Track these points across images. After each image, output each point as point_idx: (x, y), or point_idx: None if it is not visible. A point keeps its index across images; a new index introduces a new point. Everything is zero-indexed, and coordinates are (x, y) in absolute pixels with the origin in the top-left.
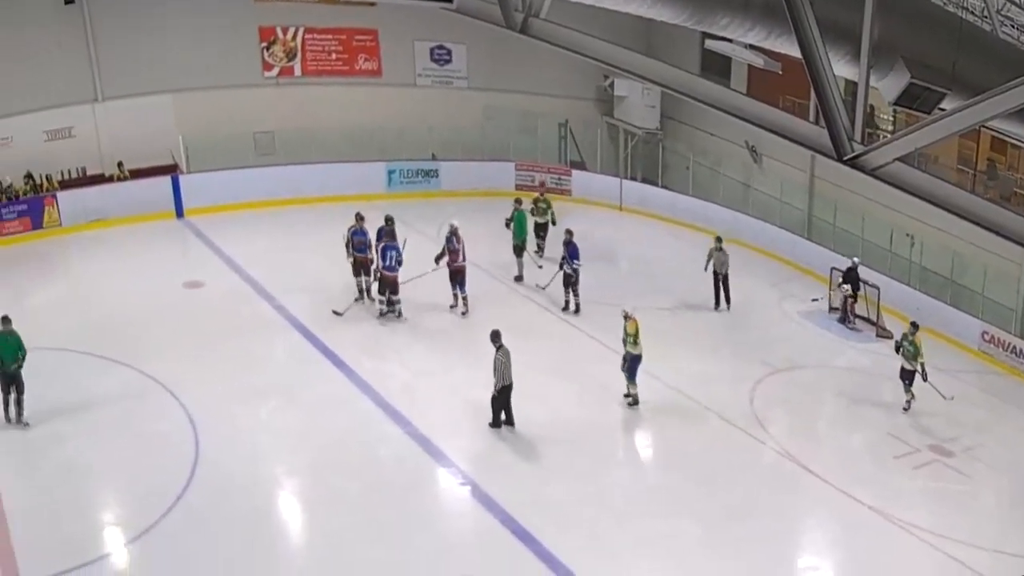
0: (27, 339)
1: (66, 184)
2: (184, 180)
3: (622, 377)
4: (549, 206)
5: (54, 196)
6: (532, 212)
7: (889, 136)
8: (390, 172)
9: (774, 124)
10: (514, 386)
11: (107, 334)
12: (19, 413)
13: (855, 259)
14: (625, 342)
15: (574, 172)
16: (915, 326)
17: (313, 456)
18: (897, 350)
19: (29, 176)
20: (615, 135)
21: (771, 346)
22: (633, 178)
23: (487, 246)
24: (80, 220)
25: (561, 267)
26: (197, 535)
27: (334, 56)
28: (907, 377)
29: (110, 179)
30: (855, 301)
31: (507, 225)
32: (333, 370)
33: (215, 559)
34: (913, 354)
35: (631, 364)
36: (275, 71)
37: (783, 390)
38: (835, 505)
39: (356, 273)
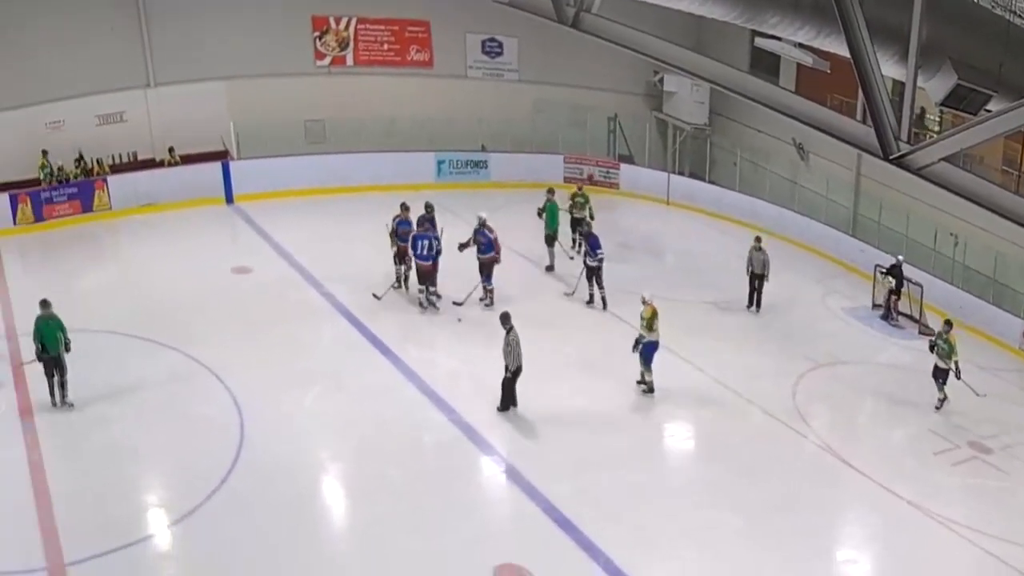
0: (75, 322)
1: (117, 168)
2: (234, 166)
3: (667, 369)
4: (587, 201)
5: (104, 180)
6: (570, 208)
7: (935, 136)
8: (439, 162)
9: (822, 122)
10: (527, 371)
11: (155, 318)
12: (63, 395)
13: (899, 257)
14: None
15: (622, 166)
16: (949, 324)
17: (357, 442)
18: (931, 349)
19: (80, 159)
20: (664, 130)
21: (814, 341)
22: (681, 173)
23: (532, 237)
24: (130, 204)
25: (584, 261)
26: (240, 518)
27: (386, 47)
28: (940, 376)
29: (161, 164)
30: (898, 298)
31: (539, 215)
32: (379, 357)
33: (258, 543)
34: (947, 352)
35: (646, 350)
36: (327, 60)
37: (825, 385)
38: (875, 500)
39: (398, 261)
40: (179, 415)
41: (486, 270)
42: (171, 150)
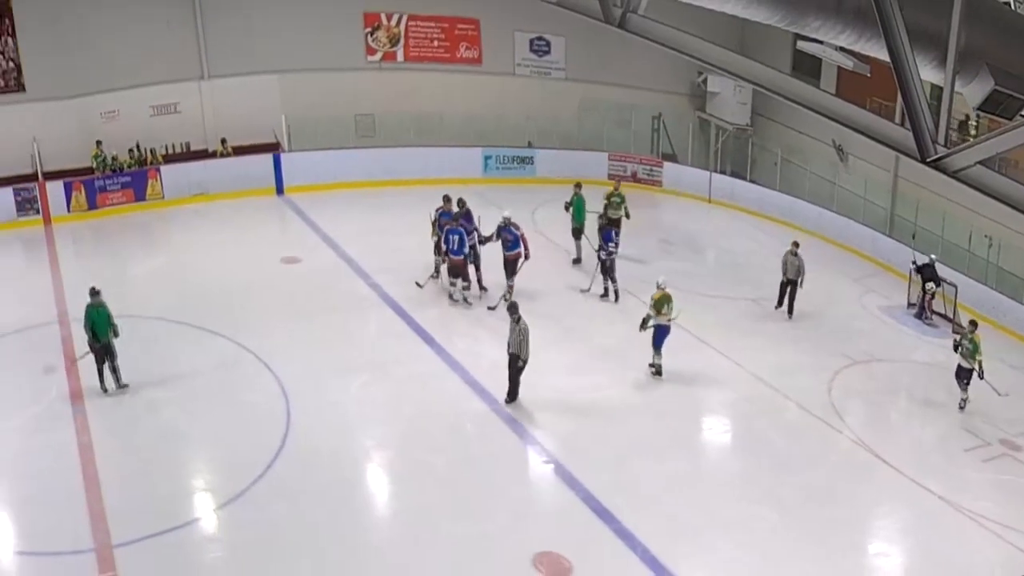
0: (125, 308)
1: (170, 158)
2: (285, 158)
3: (706, 364)
4: (623, 201)
5: (158, 169)
6: (605, 208)
7: (972, 141)
8: (486, 158)
9: (861, 124)
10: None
11: (205, 305)
12: (116, 378)
13: (931, 256)
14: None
15: (665, 164)
16: (974, 324)
17: (401, 430)
18: (955, 349)
19: (136, 148)
20: (706, 129)
21: (850, 339)
22: (722, 172)
23: (586, 234)
24: (183, 194)
25: (598, 255)
26: (285, 503)
27: (436, 44)
28: (964, 376)
29: (213, 155)
30: (933, 298)
31: (566, 209)
32: (424, 347)
33: (302, 527)
34: (972, 352)
35: (657, 334)
36: (378, 56)
37: (860, 382)
38: (906, 494)
39: (438, 252)
40: (227, 401)
41: (511, 267)
42: (223, 141)
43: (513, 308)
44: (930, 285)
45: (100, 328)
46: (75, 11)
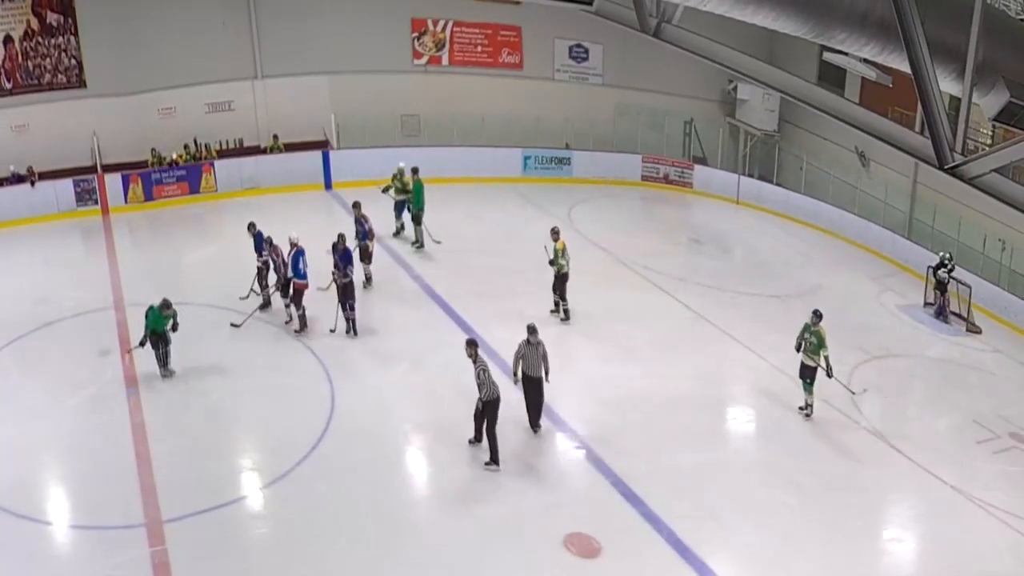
0: (178, 295)
1: (223, 153)
2: (334, 155)
3: (731, 356)
4: (558, 255)
5: (212, 164)
6: (552, 262)
7: (987, 149)
8: (526, 158)
9: (882, 132)
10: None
11: (254, 293)
12: (166, 364)
13: (940, 253)
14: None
15: (696, 167)
16: (818, 316)
17: (440, 414)
18: (798, 348)
19: (194, 143)
20: (735, 134)
21: (869, 335)
22: (750, 175)
23: (611, 227)
24: (235, 187)
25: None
26: (328, 483)
27: (479, 49)
28: (809, 375)
29: (265, 151)
30: (945, 292)
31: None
32: (463, 337)
33: (344, 506)
34: (817, 347)
35: (398, 207)
36: (424, 60)
37: (878, 375)
38: (920, 483)
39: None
40: (274, 385)
41: (297, 298)
42: (275, 138)
43: (534, 330)
44: (942, 271)
45: (158, 325)
46: (135, 12)
